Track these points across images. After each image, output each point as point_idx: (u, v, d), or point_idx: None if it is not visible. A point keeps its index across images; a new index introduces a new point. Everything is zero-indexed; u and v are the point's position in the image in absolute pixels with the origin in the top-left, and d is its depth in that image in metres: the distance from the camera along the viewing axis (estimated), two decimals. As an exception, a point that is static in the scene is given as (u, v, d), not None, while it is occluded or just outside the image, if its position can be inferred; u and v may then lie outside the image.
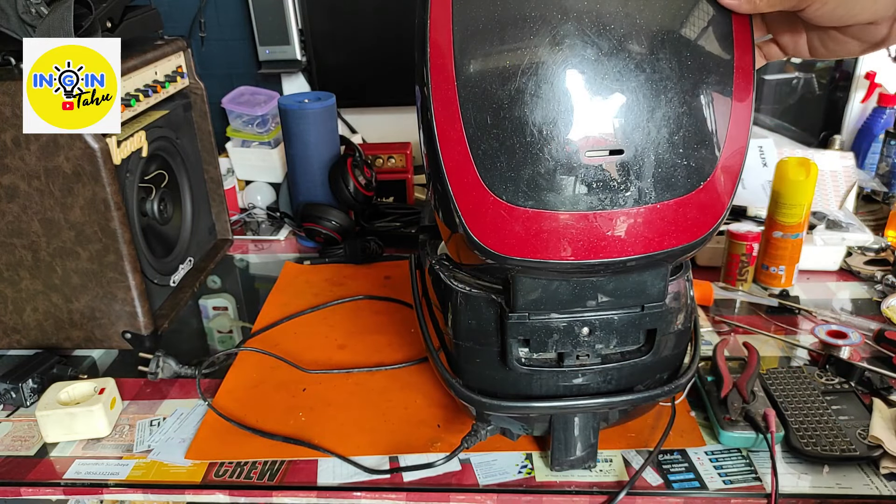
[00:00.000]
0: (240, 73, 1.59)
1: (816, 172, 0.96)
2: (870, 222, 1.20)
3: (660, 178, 0.57)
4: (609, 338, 0.64)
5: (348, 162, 1.19)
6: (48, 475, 0.74)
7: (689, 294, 0.68)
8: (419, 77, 0.58)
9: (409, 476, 0.71)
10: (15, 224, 0.86)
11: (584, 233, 0.57)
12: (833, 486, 0.68)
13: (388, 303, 1.04)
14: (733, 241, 1.02)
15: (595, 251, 0.57)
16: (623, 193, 0.56)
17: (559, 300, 0.61)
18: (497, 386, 0.67)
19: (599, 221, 0.57)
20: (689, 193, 0.58)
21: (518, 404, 0.66)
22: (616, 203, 0.56)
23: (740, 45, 0.57)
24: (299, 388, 0.85)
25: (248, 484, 0.71)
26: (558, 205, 0.56)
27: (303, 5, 1.48)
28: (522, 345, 0.64)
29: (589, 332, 0.63)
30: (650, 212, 0.57)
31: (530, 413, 0.68)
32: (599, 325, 0.63)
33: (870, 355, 0.87)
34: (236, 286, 1.17)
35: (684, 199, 0.58)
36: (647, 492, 0.68)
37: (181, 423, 0.81)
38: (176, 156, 1.06)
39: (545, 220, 0.57)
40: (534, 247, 0.57)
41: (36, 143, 0.81)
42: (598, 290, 0.61)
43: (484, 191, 0.56)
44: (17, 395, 0.83)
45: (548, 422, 0.68)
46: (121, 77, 0.82)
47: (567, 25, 0.54)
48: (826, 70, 1.51)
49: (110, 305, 0.91)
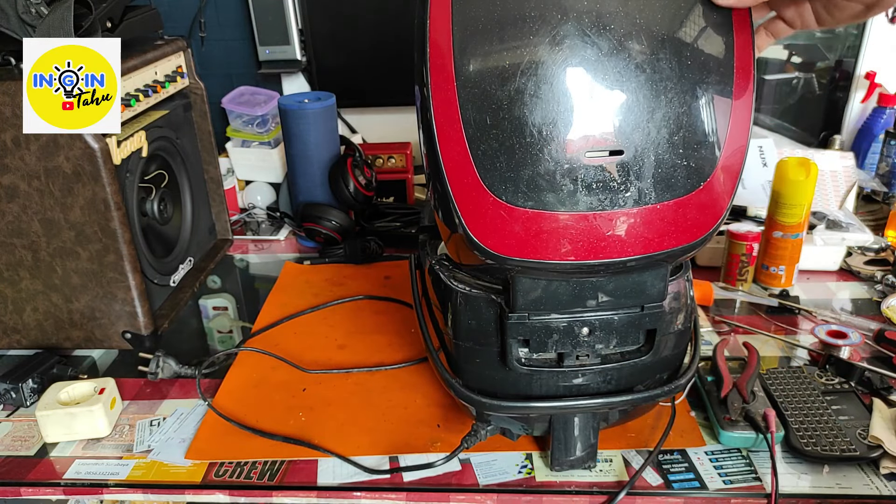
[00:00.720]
0: (240, 73, 1.59)
1: (816, 172, 0.96)
2: (870, 222, 1.20)
3: (660, 178, 0.57)
4: (609, 338, 0.64)
5: (348, 162, 1.19)
6: (48, 475, 0.74)
7: (689, 294, 0.68)
8: (419, 77, 0.58)
9: (409, 476, 0.71)
10: (15, 224, 0.86)
11: (583, 233, 0.57)
12: (833, 486, 0.68)
13: (388, 303, 1.04)
14: (733, 241, 1.02)
15: (595, 252, 0.57)
16: (623, 194, 0.56)
17: (559, 300, 0.61)
18: (497, 386, 0.67)
19: (599, 222, 0.57)
20: (690, 194, 0.57)
21: (518, 404, 0.66)
22: (616, 203, 0.56)
23: (740, 44, 0.57)
24: (299, 388, 0.85)
25: (248, 484, 0.71)
26: (558, 205, 0.56)
27: (303, 5, 1.48)
28: (522, 345, 0.64)
29: (589, 333, 0.63)
30: (650, 212, 0.57)
31: (530, 413, 0.68)
32: (599, 325, 0.63)
33: (870, 355, 0.87)
34: (236, 286, 1.17)
35: (684, 200, 0.58)
36: (647, 492, 0.68)
37: (181, 423, 0.81)
38: (176, 156, 1.06)
39: (545, 220, 0.56)
40: (533, 247, 0.57)
41: (36, 143, 0.81)
42: (598, 291, 0.61)
43: (484, 191, 0.56)
44: (17, 395, 0.83)
45: (548, 422, 0.68)
46: (121, 77, 0.82)
47: (567, 25, 0.54)
48: (826, 70, 1.51)
49: (110, 305, 0.91)
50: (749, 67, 0.58)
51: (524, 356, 0.65)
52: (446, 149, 0.56)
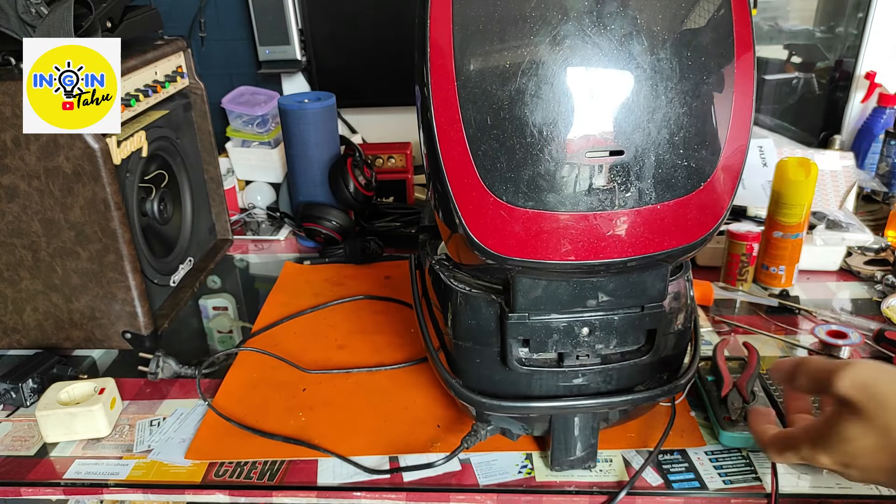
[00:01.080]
0: (240, 73, 1.59)
1: (816, 172, 0.96)
2: (870, 222, 1.20)
3: (660, 178, 0.57)
4: (609, 338, 0.64)
5: (348, 162, 1.19)
6: (48, 475, 0.74)
7: (690, 294, 0.68)
8: (419, 77, 0.58)
9: (409, 476, 0.71)
10: (15, 224, 0.86)
11: (583, 233, 0.57)
12: (833, 486, 0.68)
13: (388, 303, 1.04)
14: (733, 241, 1.02)
15: (595, 252, 0.57)
16: (623, 194, 0.56)
17: (559, 300, 0.62)
18: (497, 386, 0.67)
19: (599, 222, 0.57)
20: (690, 194, 0.58)
21: (518, 404, 0.66)
22: (616, 204, 0.56)
23: (741, 44, 0.57)
24: (299, 388, 0.85)
25: (248, 484, 0.71)
26: (558, 205, 0.56)
27: (303, 5, 1.48)
28: (522, 345, 0.64)
29: (589, 333, 0.63)
30: (650, 213, 0.57)
31: (530, 413, 0.68)
32: (599, 325, 0.63)
33: (870, 355, 0.87)
34: (236, 286, 1.17)
35: (685, 200, 0.58)
36: (647, 492, 0.68)
37: (181, 423, 0.81)
38: (176, 156, 1.06)
39: (545, 220, 0.56)
40: (534, 247, 0.57)
41: (36, 143, 0.81)
42: (598, 291, 0.61)
43: (484, 191, 0.56)
44: (17, 395, 0.83)
45: (548, 422, 0.68)
46: (121, 77, 0.82)
47: (567, 25, 0.54)
48: (826, 70, 1.51)
49: (110, 305, 0.91)
50: (750, 67, 0.58)
51: (524, 356, 0.65)
52: (447, 149, 0.56)
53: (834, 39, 1.49)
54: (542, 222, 0.57)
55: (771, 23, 1.52)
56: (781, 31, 1.53)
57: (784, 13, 1.53)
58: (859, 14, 1.42)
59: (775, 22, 1.52)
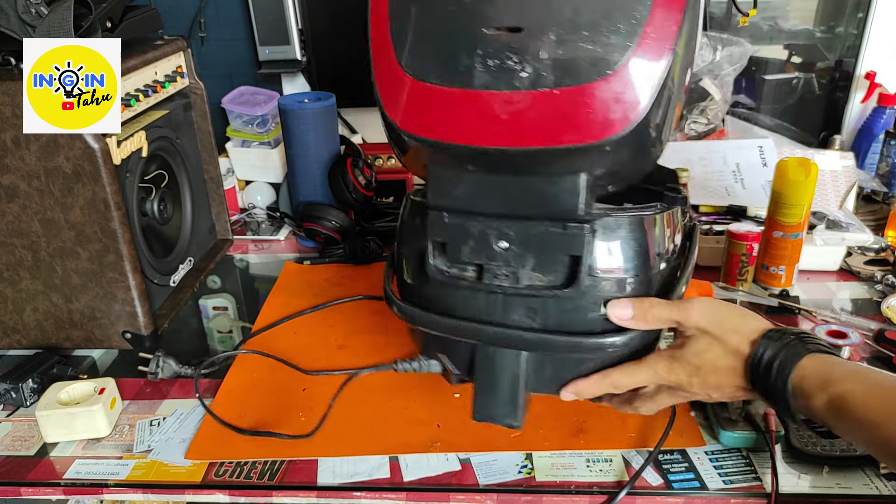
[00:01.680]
0: (240, 73, 1.59)
1: (816, 172, 0.96)
2: (870, 222, 1.19)
3: (560, 61, 0.53)
4: (526, 256, 0.59)
5: (348, 162, 1.19)
6: (48, 475, 0.74)
7: (648, 250, 0.61)
8: None
9: (409, 476, 0.71)
10: (15, 224, 0.86)
11: (477, 113, 0.54)
12: (833, 486, 0.68)
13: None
14: (733, 241, 1.02)
15: (489, 136, 0.54)
16: (518, 74, 0.53)
17: (470, 196, 0.59)
18: (427, 302, 0.66)
19: (493, 102, 0.54)
20: (593, 82, 0.52)
21: (434, 317, 0.64)
22: (511, 84, 0.53)
23: None
24: (299, 389, 0.85)
25: (248, 484, 0.71)
26: (454, 81, 0.55)
27: (303, 5, 1.48)
28: (440, 250, 0.63)
29: (506, 248, 0.60)
30: (548, 97, 0.53)
31: (446, 331, 0.65)
32: (517, 237, 0.59)
33: (870, 355, 0.87)
34: (236, 286, 1.17)
35: (586, 88, 0.52)
36: (647, 492, 0.68)
37: (181, 423, 0.81)
38: (176, 156, 1.06)
39: (439, 95, 0.55)
40: (427, 124, 0.56)
41: (36, 143, 0.81)
42: (507, 188, 0.58)
43: (397, 67, 0.58)
44: (17, 395, 0.83)
45: (471, 355, 0.65)
46: (121, 77, 0.82)
47: None
48: (826, 70, 1.51)
49: (110, 305, 0.91)
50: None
51: (445, 267, 0.63)
52: (376, 32, 0.59)
53: (834, 39, 1.49)
54: (436, 97, 0.55)
55: (771, 23, 1.52)
56: (781, 31, 1.53)
57: (784, 13, 1.53)
58: (859, 14, 1.42)
59: (775, 22, 1.52)
